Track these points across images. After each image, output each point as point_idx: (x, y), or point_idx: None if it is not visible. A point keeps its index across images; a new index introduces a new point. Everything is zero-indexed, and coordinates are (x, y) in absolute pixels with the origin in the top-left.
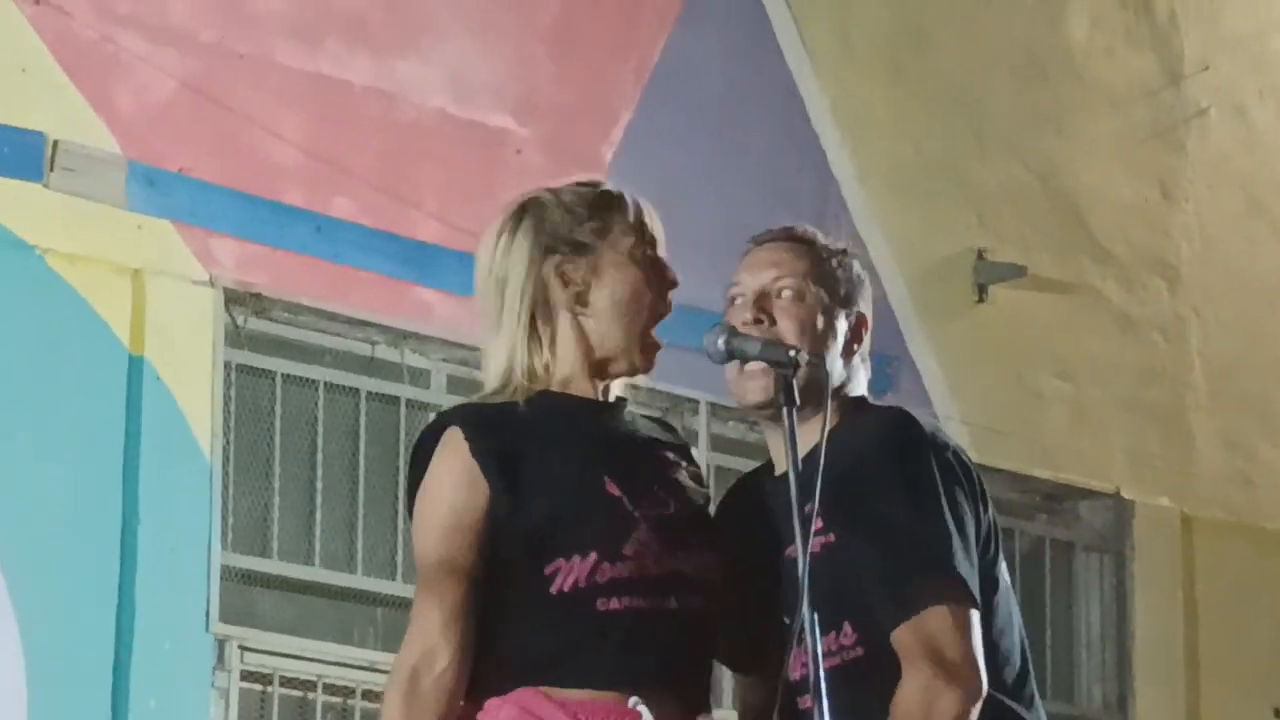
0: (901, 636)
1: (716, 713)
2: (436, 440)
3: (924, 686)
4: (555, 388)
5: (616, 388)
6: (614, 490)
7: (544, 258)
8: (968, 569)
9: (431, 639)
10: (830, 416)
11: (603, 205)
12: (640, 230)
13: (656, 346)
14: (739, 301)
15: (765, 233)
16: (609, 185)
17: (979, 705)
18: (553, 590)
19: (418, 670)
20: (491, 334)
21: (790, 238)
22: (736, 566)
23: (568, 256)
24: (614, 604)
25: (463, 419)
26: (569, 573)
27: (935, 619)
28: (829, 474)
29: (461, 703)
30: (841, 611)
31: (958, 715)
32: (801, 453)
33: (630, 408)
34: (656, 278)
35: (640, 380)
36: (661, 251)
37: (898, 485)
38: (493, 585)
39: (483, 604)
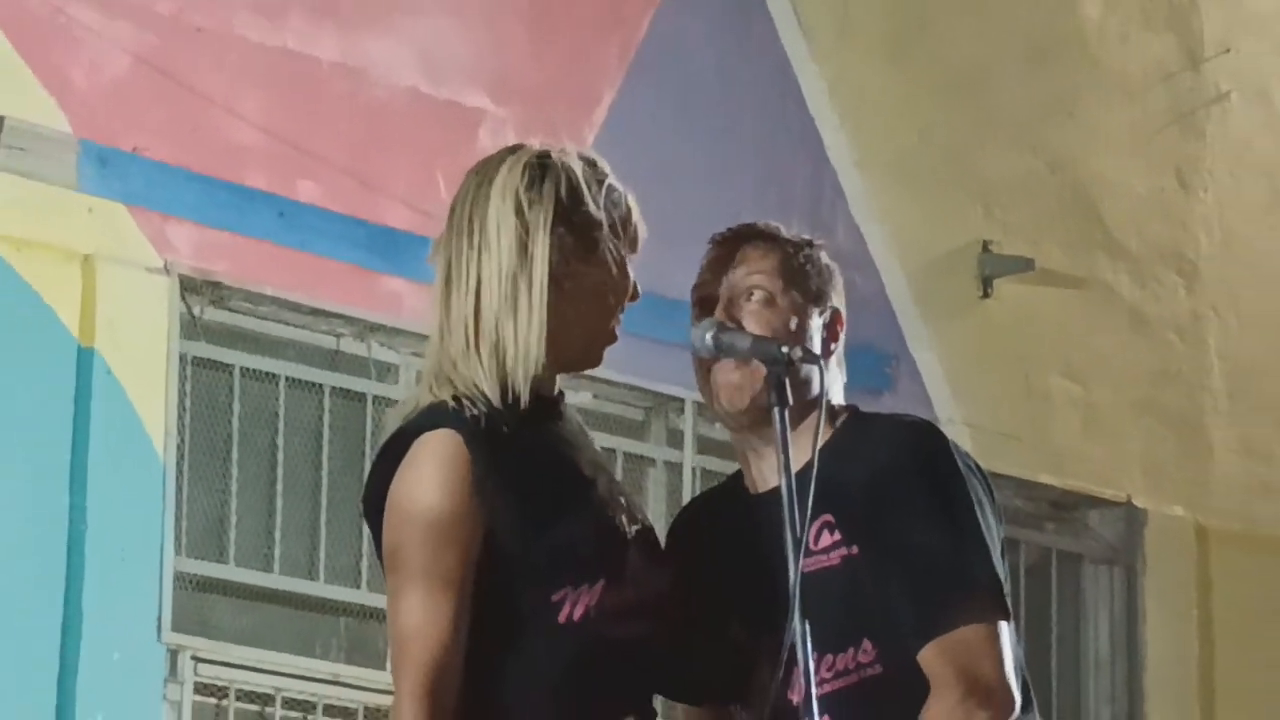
0: (930, 655)
1: None
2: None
3: (956, 707)
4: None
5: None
6: (607, 509)
7: (554, 226)
8: (997, 579)
9: (443, 651)
10: (822, 426)
11: (607, 191)
12: (636, 233)
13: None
14: (704, 306)
15: (724, 231)
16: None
17: None
18: (560, 619)
19: (431, 672)
20: (501, 297)
21: (753, 234)
22: (702, 592)
23: (570, 230)
24: (620, 630)
25: (458, 424)
26: (577, 601)
27: (967, 636)
28: (845, 486)
29: None
30: (861, 628)
31: None
32: (793, 466)
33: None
34: (626, 281)
35: (628, 378)
36: (636, 254)
37: (932, 500)
38: (488, 611)
39: (477, 630)
